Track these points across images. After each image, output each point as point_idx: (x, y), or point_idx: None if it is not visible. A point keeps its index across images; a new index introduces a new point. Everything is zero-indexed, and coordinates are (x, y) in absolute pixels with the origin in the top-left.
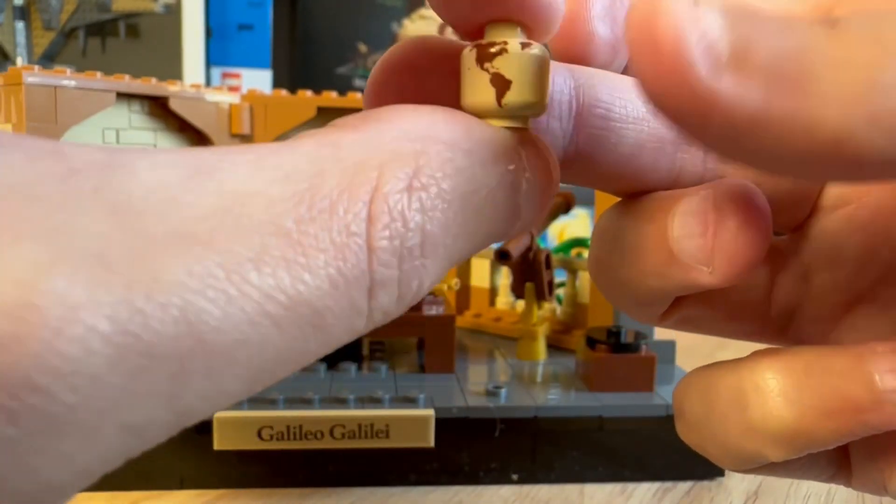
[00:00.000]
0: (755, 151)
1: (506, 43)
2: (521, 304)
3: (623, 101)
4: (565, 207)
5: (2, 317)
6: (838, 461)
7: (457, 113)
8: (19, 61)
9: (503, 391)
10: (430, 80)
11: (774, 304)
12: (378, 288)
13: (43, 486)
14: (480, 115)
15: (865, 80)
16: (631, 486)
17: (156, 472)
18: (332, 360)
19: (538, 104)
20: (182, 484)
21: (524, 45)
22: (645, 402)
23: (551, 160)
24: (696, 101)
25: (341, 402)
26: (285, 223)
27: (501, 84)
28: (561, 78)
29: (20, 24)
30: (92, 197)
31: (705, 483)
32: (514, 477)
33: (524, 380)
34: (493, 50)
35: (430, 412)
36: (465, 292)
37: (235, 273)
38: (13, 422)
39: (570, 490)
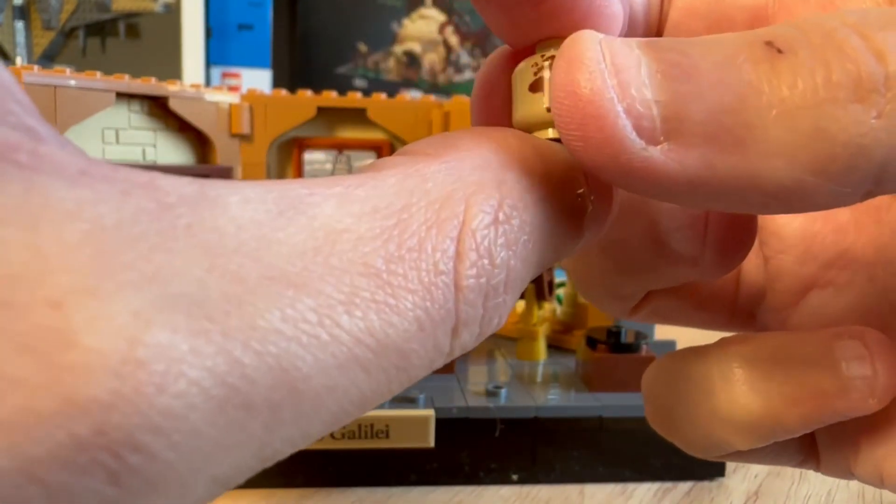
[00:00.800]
0: (699, 201)
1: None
2: (521, 305)
3: None
4: None
5: (107, 374)
6: (807, 447)
7: (525, 136)
8: (19, 61)
9: (503, 391)
10: None
11: (741, 293)
12: (462, 327)
13: None
14: (530, 126)
15: (810, 128)
16: (631, 486)
17: None
18: None
19: None
20: None
21: None
22: None
23: (611, 193)
24: (632, 172)
25: None
26: (375, 263)
27: None
28: None
29: (20, 24)
30: (186, 236)
31: (705, 483)
32: (514, 477)
33: (524, 380)
34: (546, 62)
35: (430, 412)
36: None
37: (327, 317)
38: (114, 482)
39: (570, 490)
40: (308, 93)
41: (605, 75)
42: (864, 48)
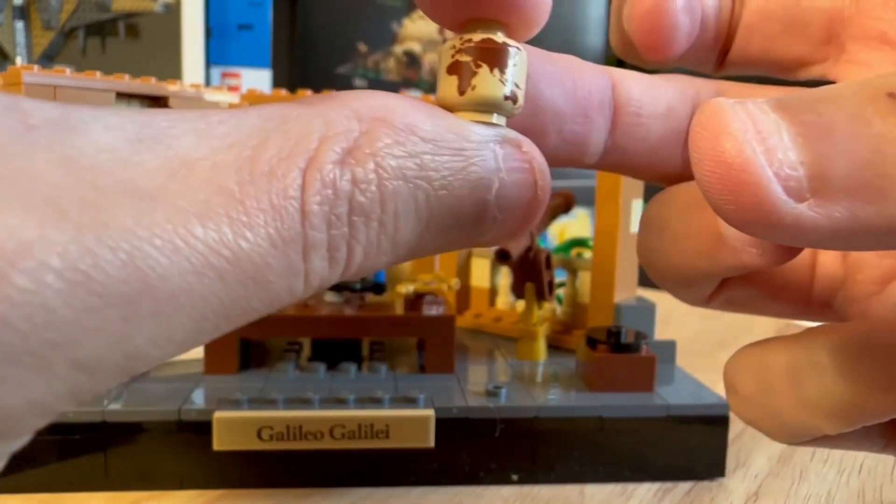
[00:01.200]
0: (842, 246)
1: (476, 39)
2: (521, 305)
3: (651, 98)
4: (565, 208)
5: None
6: (890, 433)
7: (425, 104)
8: (19, 61)
9: (503, 391)
10: None
11: (817, 283)
12: (311, 250)
13: (2, 413)
14: (448, 107)
15: None
16: (631, 486)
17: (156, 472)
18: (332, 361)
19: (507, 100)
20: (182, 484)
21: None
22: (645, 403)
23: (536, 163)
24: (783, 227)
25: (341, 403)
26: (228, 184)
27: (468, 76)
28: (601, 78)
29: (20, 24)
30: (45, 150)
31: (705, 483)
32: (514, 477)
33: (524, 380)
34: (463, 45)
35: (430, 412)
36: (464, 292)
37: (182, 226)
38: None
39: (570, 490)
40: (308, 93)
41: (754, 143)
42: None
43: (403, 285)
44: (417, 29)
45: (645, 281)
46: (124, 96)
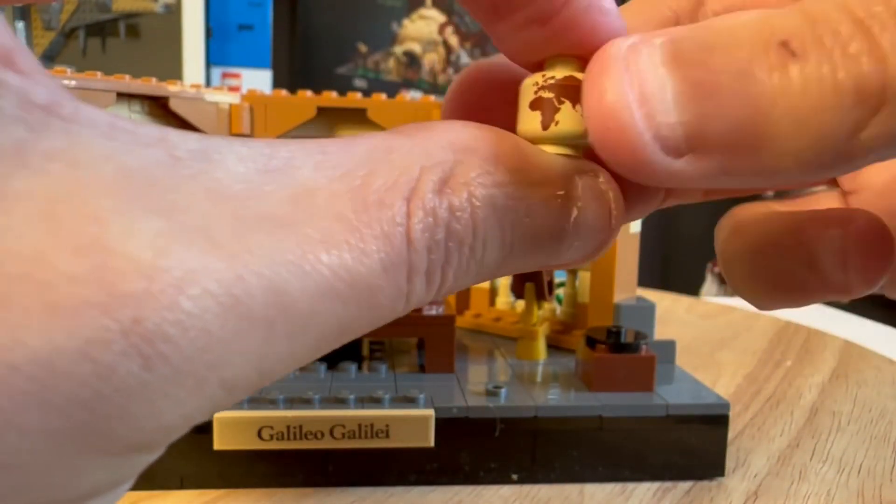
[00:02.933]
0: (707, 187)
1: (559, 76)
2: (520, 304)
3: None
4: None
5: (138, 276)
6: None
7: (508, 135)
8: None
9: (503, 391)
10: (495, 101)
11: None
12: (413, 274)
13: (160, 426)
14: (531, 140)
15: (816, 133)
16: (630, 486)
17: (156, 471)
18: (332, 360)
19: (585, 133)
20: (182, 484)
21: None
22: (645, 402)
23: (613, 194)
24: (657, 176)
25: (341, 402)
26: (346, 213)
27: (551, 112)
28: None
29: (20, 25)
30: (192, 181)
31: (705, 483)
32: (514, 477)
33: (524, 380)
34: (545, 83)
35: (430, 412)
36: (464, 292)
37: (310, 252)
38: (148, 368)
39: (570, 490)
40: (308, 93)
41: (633, 108)
42: (867, 51)
43: None
44: (417, 29)
45: (644, 281)
46: (125, 97)
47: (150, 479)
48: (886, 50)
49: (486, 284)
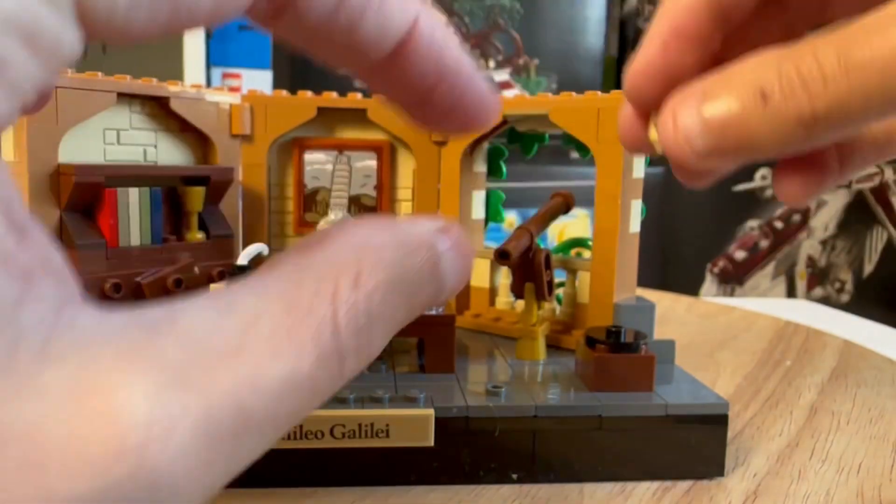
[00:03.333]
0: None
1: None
2: (520, 304)
3: None
4: (565, 208)
5: (137, 431)
6: None
7: (387, 223)
8: None
9: (503, 391)
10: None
11: None
12: (346, 357)
13: None
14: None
15: (777, 143)
16: (630, 485)
17: None
18: None
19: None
20: None
21: None
22: (644, 402)
23: (461, 239)
24: (694, 168)
25: (341, 402)
26: (285, 326)
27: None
28: None
29: None
30: (167, 339)
31: (704, 483)
32: (514, 476)
33: (524, 380)
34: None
35: (430, 412)
36: (464, 292)
37: (261, 369)
38: (154, 500)
39: (570, 489)
40: (308, 93)
41: (681, 140)
42: (804, 96)
43: None
44: None
45: (644, 281)
46: (125, 97)
47: None
48: (814, 94)
49: (485, 284)
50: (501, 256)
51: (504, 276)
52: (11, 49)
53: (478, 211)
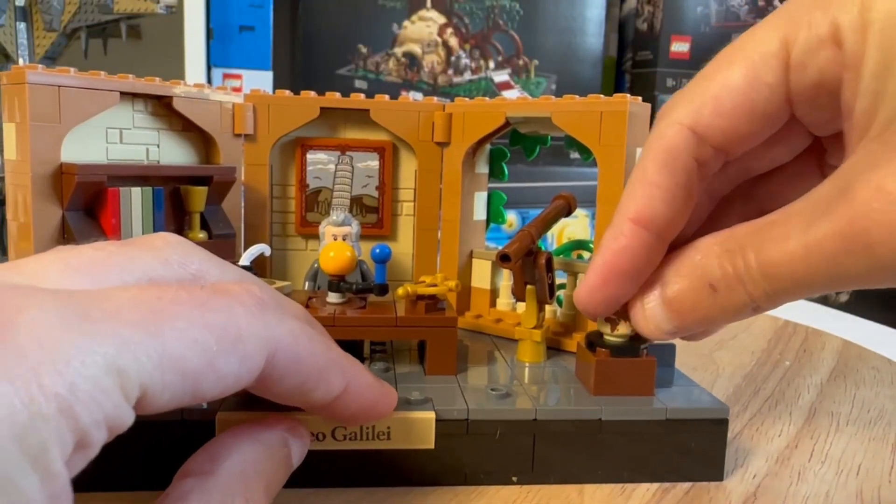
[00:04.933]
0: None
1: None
2: (521, 306)
3: None
4: (567, 209)
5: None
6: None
7: (254, 431)
8: (21, 62)
9: (504, 394)
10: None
11: None
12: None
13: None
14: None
15: (721, 318)
16: (630, 486)
17: (160, 471)
18: None
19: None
20: None
21: None
22: (645, 406)
23: (305, 435)
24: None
25: None
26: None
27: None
28: None
29: (21, 25)
30: (124, 297)
31: (704, 484)
32: (514, 479)
33: (525, 382)
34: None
35: (432, 415)
36: (465, 293)
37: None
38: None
39: (570, 490)
40: (311, 93)
41: (647, 323)
42: (721, 287)
43: (404, 288)
44: (417, 31)
45: None
46: (128, 96)
47: (152, 480)
48: (750, 288)
49: (487, 286)
50: (503, 259)
51: (505, 278)
52: (98, 434)
53: (479, 212)
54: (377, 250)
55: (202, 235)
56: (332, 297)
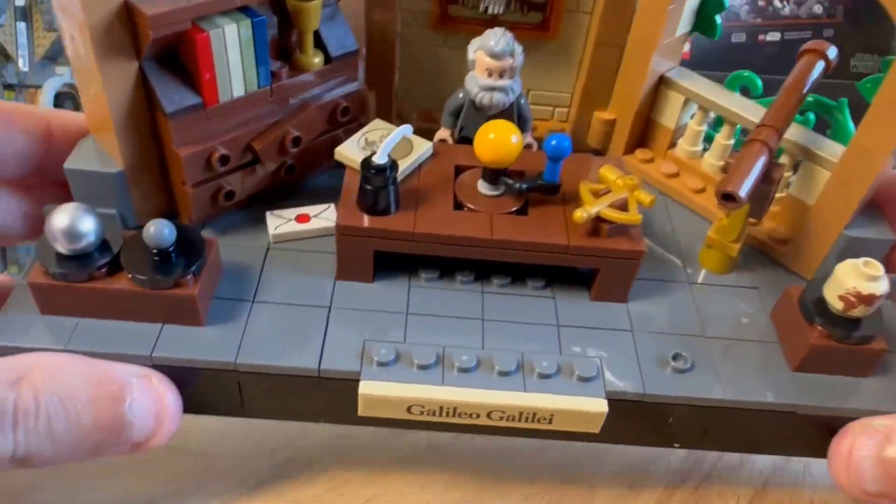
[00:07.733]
0: None
1: None
2: (708, 159)
3: None
4: (825, 69)
5: None
6: None
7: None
8: (21, 62)
9: (686, 374)
10: None
11: None
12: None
13: None
14: None
15: None
16: (639, 484)
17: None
18: (484, 273)
19: None
20: (319, 419)
21: None
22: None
23: (164, 389)
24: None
25: (503, 375)
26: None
27: None
28: None
29: (22, 25)
30: None
31: (712, 481)
32: (676, 445)
33: (709, 347)
34: None
35: (604, 408)
36: (641, 122)
37: None
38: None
39: (581, 488)
40: None
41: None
42: None
43: (584, 209)
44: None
45: None
46: None
47: (297, 414)
48: None
49: (671, 124)
50: (726, 199)
51: (697, 122)
52: None
53: (684, 24)
54: (553, 142)
55: (318, 60)
56: (484, 188)
